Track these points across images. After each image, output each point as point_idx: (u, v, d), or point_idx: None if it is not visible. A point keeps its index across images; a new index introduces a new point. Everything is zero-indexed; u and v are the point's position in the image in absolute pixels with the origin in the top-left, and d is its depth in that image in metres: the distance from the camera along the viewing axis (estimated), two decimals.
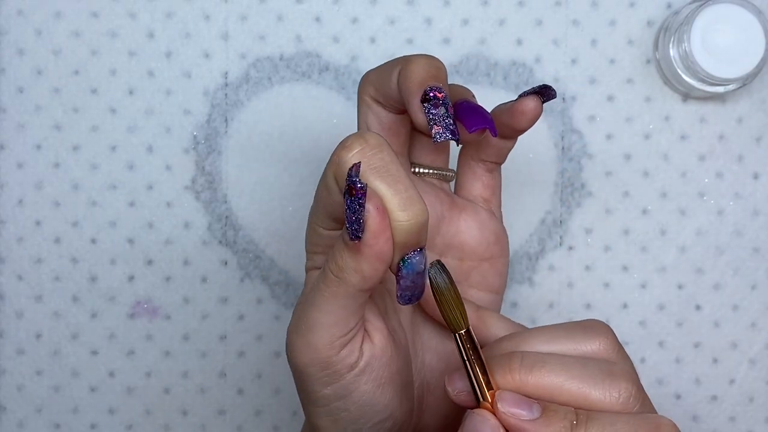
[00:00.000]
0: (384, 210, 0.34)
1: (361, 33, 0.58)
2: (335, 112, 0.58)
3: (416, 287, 0.37)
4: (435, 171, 0.44)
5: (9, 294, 0.58)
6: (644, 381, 0.59)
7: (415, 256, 0.36)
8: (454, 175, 0.46)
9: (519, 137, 0.43)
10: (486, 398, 0.37)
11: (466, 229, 0.44)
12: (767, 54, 0.54)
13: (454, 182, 0.46)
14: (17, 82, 0.58)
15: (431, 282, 0.37)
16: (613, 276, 0.59)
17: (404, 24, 0.58)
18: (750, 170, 0.59)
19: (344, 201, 0.34)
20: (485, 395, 0.37)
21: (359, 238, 0.34)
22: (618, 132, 0.59)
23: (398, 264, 0.36)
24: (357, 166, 0.34)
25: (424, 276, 0.37)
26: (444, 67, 0.40)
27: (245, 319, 0.59)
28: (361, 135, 0.36)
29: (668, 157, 0.59)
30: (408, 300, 0.37)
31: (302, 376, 0.39)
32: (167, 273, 0.58)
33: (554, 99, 0.44)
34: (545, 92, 0.41)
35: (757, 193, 0.59)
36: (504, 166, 0.46)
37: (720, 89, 0.56)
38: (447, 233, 0.44)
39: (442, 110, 0.39)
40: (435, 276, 0.37)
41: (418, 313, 0.44)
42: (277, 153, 0.58)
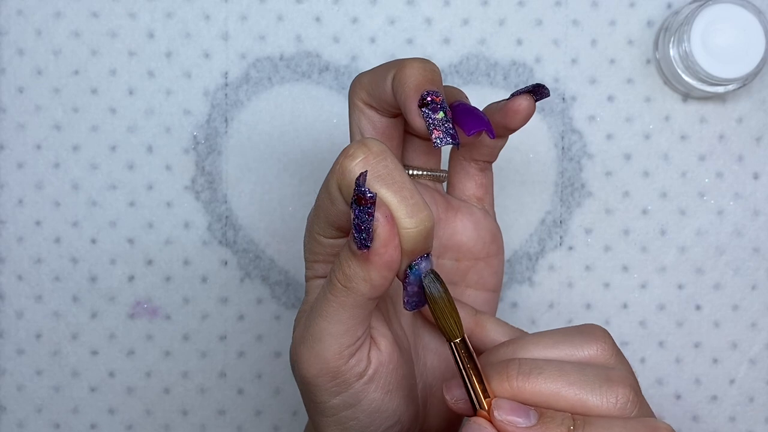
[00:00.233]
0: (392, 218, 0.34)
1: (361, 33, 0.58)
2: (335, 112, 0.58)
3: (423, 293, 0.37)
4: (428, 173, 0.44)
5: (9, 294, 0.58)
6: (644, 381, 0.59)
7: (422, 262, 0.36)
8: (447, 176, 0.45)
9: (519, 137, 0.43)
10: (483, 406, 0.37)
11: (463, 230, 0.44)
12: (767, 54, 0.54)
13: (446, 182, 0.46)
14: (17, 82, 0.58)
15: (425, 292, 0.37)
16: (613, 276, 0.59)
17: (404, 24, 0.58)
18: (750, 170, 0.59)
19: (351, 210, 0.34)
20: (482, 403, 0.37)
21: (368, 247, 0.34)
22: (618, 132, 0.59)
23: (405, 271, 0.36)
24: (364, 175, 0.34)
25: None
26: (438, 70, 0.40)
27: (245, 319, 0.59)
28: (364, 143, 0.35)
29: (668, 157, 0.59)
30: (415, 306, 0.37)
31: (311, 387, 0.38)
32: (167, 273, 0.58)
33: (548, 98, 0.44)
34: (538, 91, 0.41)
35: (757, 193, 0.59)
36: (504, 166, 0.46)
37: (720, 89, 0.56)
38: (444, 234, 0.44)
39: (441, 114, 0.39)
40: (429, 285, 0.37)
41: (418, 317, 0.44)
42: (277, 153, 0.58)
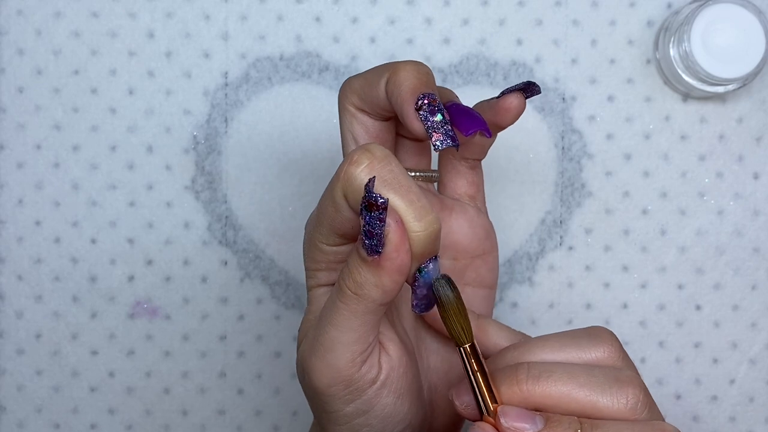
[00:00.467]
0: (402, 222, 0.34)
1: (361, 33, 0.58)
2: (335, 112, 0.58)
3: (432, 296, 0.37)
4: (421, 174, 0.44)
5: (9, 294, 0.58)
6: (644, 381, 0.59)
7: (430, 264, 0.36)
8: (438, 176, 0.45)
9: (519, 137, 0.43)
10: (490, 412, 0.37)
11: (458, 229, 0.44)
12: (767, 54, 0.54)
13: (437, 182, 0.46)
14: (17, 82, 0.58)
15: (437, 297, 0.37)
16: (613, 276, 0.59)
17: (404, 24, 0.58)
18: (750, 170, 0.59)
19: (361, 217, 0.34)
20: (489, 409, 0.37)
21: (379, 253, 0.34)
22: (618, 132, 0.59)
23: (414, 274, 0.36)
24: (373, 181, 0.34)
25: None
26: (431, 72, 0.40)
27: (245, 319, 0.59)
28: (367, 148, 0.35)
29: (668, 157, 0.59)
30: (424, 309, 0.37)
31: (323, 398, 0.38)
32: (167, 273, 0.58)
33: (539, 94, 0.44)
34: (529, 88, 0.41)
35: (757, 193, 0.59)
36: (504, 166, 0.46)
37: (720, 89, 0.56)
38: None
39: (439, 117, 0.39)
40: (440, 290, 0.37)
41: (419, 318, 0.44)
42: (277, 153, 0.58)
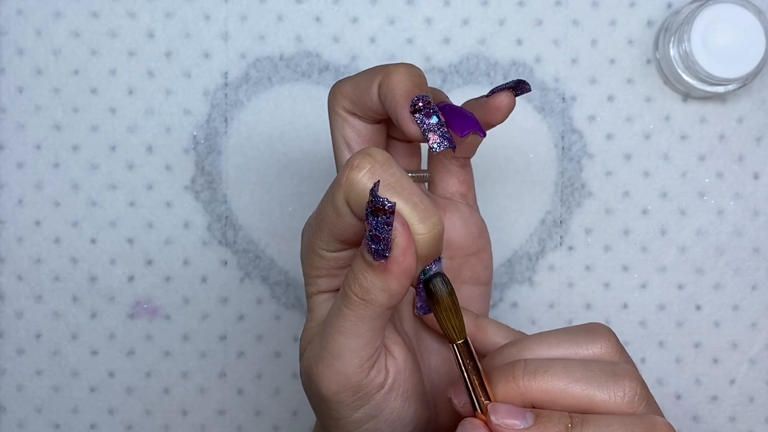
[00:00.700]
0: (407, 225, 0.34)
1: (361, 33, 0.58)
2: None
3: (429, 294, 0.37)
4: (412, 174, 0.44)
5: (9, 294, 0.58)
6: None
7: (434, 266, 0.36)
8: (429, 176, 0.45)
9: (519, 137, 0.43)
10: (482, 409, 0.37)
11: (452, 227, 0.44)
12: (767, 54, 0.54)
13: (428, 182, 0.46)
14: (17, 82, 0.58)
15: (432, 293, 0.37)
16: (613, 276, 0.59)
17: (404, 24, 0.58)
18: (750, 170, 0.59)
19: (367, 222, 0.34)
20: (481, 406, 0.37)
21: (385, 257, 0.34)
22: (618, 132, 0.59)
23: (419, 276, 0.36)
24: (378, 186, 0.34)
25: None
26: (423, 74, 0.40)
27: (245, 319, 0.59)
28: (368, 153, 0.35)
29: (668, 157, 0.59)
30: (428, 310, 0.37)
31: (331, 405, 0.38)
32: (167, 273, 0.58)
33: (529, 92, 0.44)
34: (519, 87, 0.41)
35: (757, 193, 0.59)
36: (504, 166, 0.46)
37: (720, 89, 0.56)
38: None
39: (435, 119, 0.39)
40: (435, 287, 0.37)
41: (418, 319, 0.44)
42: (277, 153, 0.58)
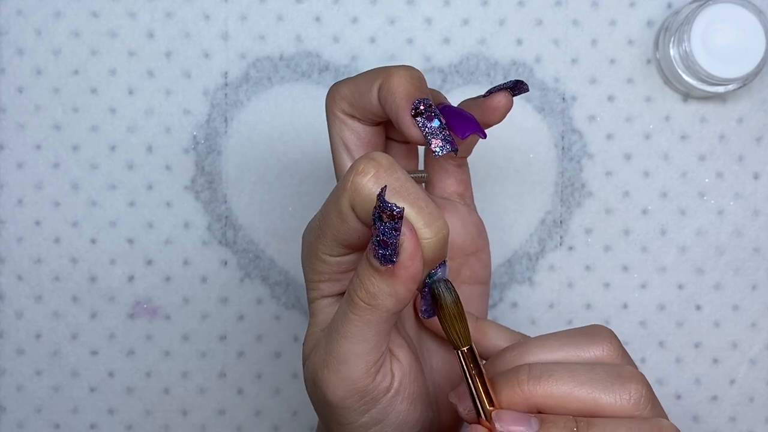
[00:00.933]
0: (414, 230, 0.34)
1: (361, 33, 0.58)
2: None
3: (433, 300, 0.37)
4: (411, 175, 0.44)
5: (9, 294, 0.58)
6: None
7: (439, 270, 0.36)
8: (427, 176, 0.45)
9: (519, 137, 0.43)
10: (487, 416, 0.37)
11: (451, 228, 0.44)
12: (767, 54, 0.54)
13: (425, 182, 0.46)
14: (17, 82, 0.58)
15: (437, 300, 0.37)
16: (613, 276, 0.59)
17: (404, 24, 0.58)
18: (750, 170, 0.59)
19: (375, 227, 0.34)
20: (486, 413, 0.37)
21: (393, 262, 0.34)
22: (618, 132, 0.59)
23: (424, 280, 0.36)
24: (385, 191, 0.34)
25: None
26: (423, 76, 0.40)
27: (245, 319, 0.59)
28: (372, 157, 0.35)
29: (668, 157, 0.59)
30: (432, 314, 0.37)
31: (338, 410, 0.38)
32: (167, 273, 0.58)
33: (529, 92, 0.44)
34: (517, 87, 0.41)
35: (757, 193, 0.59)
36: (504, 166, 0.46)
37: (720, 89, 0.56)
38: None
39: (437, 122, 0.39)
40: (440, 293, 0.37)
41: (418, 319, 0.44)
42: (277, 153, 0.58)
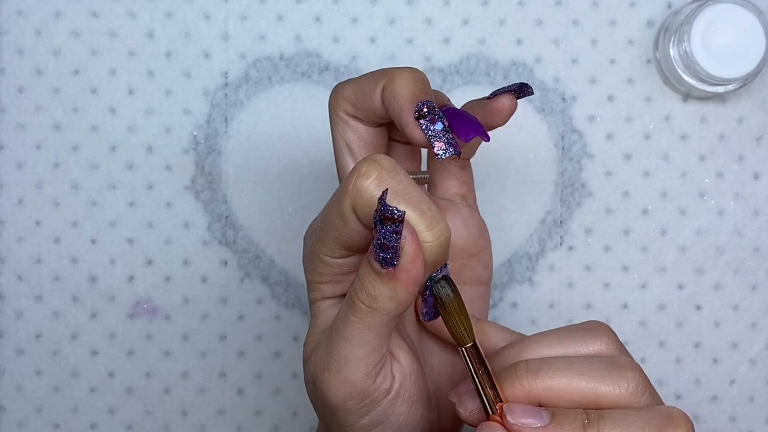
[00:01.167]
0: (416, 233, 0.34)
1: (361, 33, 0.58)
2: None
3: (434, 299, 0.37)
4: (412, 176, 0.44)
5: (9, 294, 0.58)
6: None
7: (440, 273, 0.36)
8: (429, 177, 0.45)
9: (519, 137, 0.43)
10: (495, 411, 0.37)
11: (453, 229, 0.44)
12: (767, 54, 0.54)
13: (428, 183, 0.46)
14: (17, 82, 0.58)
15: (437, 298, 0.37)
16: (613, 276, 0.59)
17: (404, 24, 0.58)
18: (750, 170, 0.59)
19: (375, 230, 0.34)
20: (494, 408, 0.37)
21: (394, 266, 0.34)
22: (618, 132, 0.59)
23: (426, 283, 0.36)
24: (386, 194, 0.33)
25: None
26: (427, 78, 0.40)
27: (245, 319, 0.59)
28: (374, 160, 0.35)
29: (668, 157, 0.59)
30: (433, 316, 0.37)
31: (338, 412, 0.38)
32: (167, 273, 0.58)
33: (532, 95, 0.44)
34: (521, 90, 0.41)
35: (757, 193, 0.59)
36: (504, 166, 0.46)
37: (720, 89, 0.56)
38: None
39: (440, 125, 0.39)
40: (440, 291, 0.37)
41: (418, 321, 0.44)
42: (277, 153, 0.58)
